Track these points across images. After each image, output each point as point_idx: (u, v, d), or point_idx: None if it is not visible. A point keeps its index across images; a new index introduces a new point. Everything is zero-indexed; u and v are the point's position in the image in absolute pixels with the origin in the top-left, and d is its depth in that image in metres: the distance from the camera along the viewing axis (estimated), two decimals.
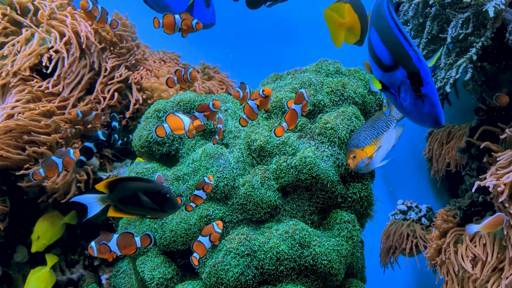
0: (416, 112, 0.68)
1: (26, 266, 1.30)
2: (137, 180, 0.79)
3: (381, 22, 0.70)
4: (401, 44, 0.67)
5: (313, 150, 1.00)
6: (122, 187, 0.77)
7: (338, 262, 0.94)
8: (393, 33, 0.68)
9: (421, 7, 1.15)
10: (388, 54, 0.69)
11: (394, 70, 0.68)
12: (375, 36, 0.71)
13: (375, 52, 0.71)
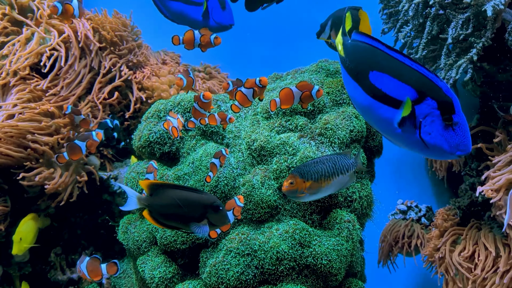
0: (443, 143, 0.67)
1: (26, 266, 1.31)
2: (184, 189, 0.73)
3: (389, 63, 0.70)
4: (426, 76, 0.68)
5: (313, 150, 1.01)
6: (162, 192, 0.71)
7: (338, 261, 0.94)
8: (412, 68, 0.68)
9: (421, 8, 1.16)
10: (410, 89, 0.68)
11: (418, 104, 0.67)
12: (383, 78, 0.70)
13: (387, 93, 0.70)
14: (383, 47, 0.71)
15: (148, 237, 1.06)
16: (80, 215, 1.37)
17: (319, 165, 0.81)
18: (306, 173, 0.80)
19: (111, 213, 1.37)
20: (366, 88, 0.72)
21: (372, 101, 0.72)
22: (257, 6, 1.06)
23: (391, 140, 0.73)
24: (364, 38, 0.74)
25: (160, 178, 1.07)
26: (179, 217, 0.72)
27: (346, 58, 0.75)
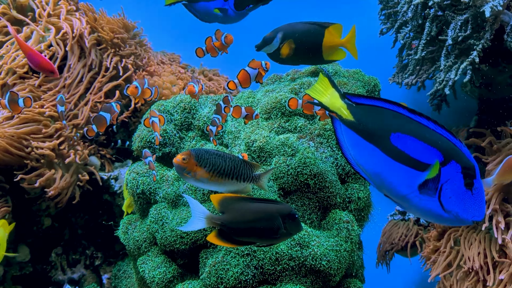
0: (461, 208, 0.67)
1: (27, 266, 1.31)
2: (256, 200, 0.72)
3: (412, 126, 0.70)
4: (449, 140, 0.68)
5: (312, 151, 1.01)
6: (235, 207, 0.69)
7: (337, 262, 0.95)
8: (435, 131, 0.69)
9: (420, 9, 1.16)
10: (436, 151, 0.68)
11: (442, 166, 0.68)
12: (407, 140, 0.70)
13: (410, 155, 0.69)
14: (403, 110, 0.71)
15: (148, 237, 1.06)
16: (81, 215, 1.37)
17: (219, 159, 0.78)
18: (202, 159, 0.77)
19: (111, 213, 1.38)
20: (386, 150, 0.71)
21: (392, 163, 0.71)
22: (245, 5, 1.06)
23: (403, 204, 0.72)
24: (372, 101, 0.74)
25: (161, 179, 1.08)
26: (256, 231, 0.70)
27: (357, 122, 0.73)
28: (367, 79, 1.19)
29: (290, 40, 0.91)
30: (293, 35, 0.91)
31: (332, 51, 0.94)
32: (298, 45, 0.91)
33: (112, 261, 1.36)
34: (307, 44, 0.91)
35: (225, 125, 1.15)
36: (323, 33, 0.92)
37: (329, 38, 0.92)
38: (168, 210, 1.04)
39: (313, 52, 0.92)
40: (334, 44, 0.92)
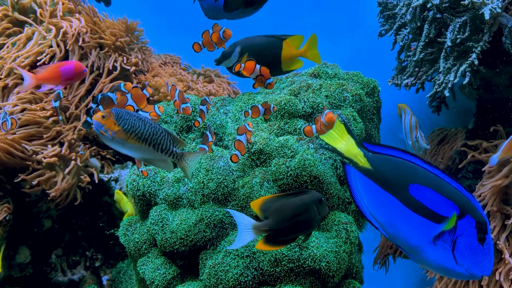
0: (473, 262, 0.68)
1: (28, 267, 1.32)
2: (291, 195, 0.72)
3: (430, 178, 0.71)
4: (463, 194, 0.69)
5: (311, 152, 1.02)
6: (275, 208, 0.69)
7: (336, 263, 0.95)
8: (451, 184, 0.70)
9: (419, 11, 1.17)
10: (453, 205, 0.69)
11: (458, 219, 0.69)
12: (425, 192, 0.71)
13: (428, 207, 0.70)
14: (420, 161, 0.72)
15: (148, 239, 1.07)
16: (81, 216, 1.38)
17: (139, 122, 0.76)
18: (122, 119, 0.74)
19: (111, 215, 1.38)
20: (404, 200, 0.72)
21: (410, 214, 0.71)
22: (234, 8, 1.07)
23: (416, 255, 0.72)
24: (388, 150, 0.74)
25: (161, 180, 1.08)
26: (299, 225, 0.70)
27: (375, 170, 0.74)
28: (366, 81, 1.19)
29: (248, 53, 0.92)
30: (252, 48, 0.93)
31: (291, 62, 0.96)
32: (257, 58, 0.93)
33: (112, 262, 1.37)
34: (266, 57, 0.93)
35: (226, 126, 1.15)
36: (281, 45, 0.94)
37: (287, 49, 0.94)
38: (168, 211, 1.04)
39: (272, 64, 0.94)
40: (292, 55, 0.94)
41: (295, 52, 0.94)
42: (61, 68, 1.04)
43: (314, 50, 0.94)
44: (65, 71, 1.05)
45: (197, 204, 1.02)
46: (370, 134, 1.17)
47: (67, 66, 1.05)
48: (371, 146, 0.75)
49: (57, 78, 1.05)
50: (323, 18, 1.91)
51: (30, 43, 1.31)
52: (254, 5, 1.05)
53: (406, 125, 1.03)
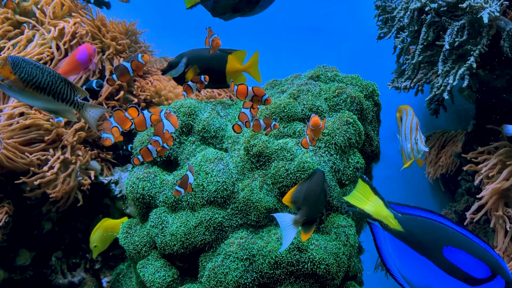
0: None
1: (28, 269, 1.32)
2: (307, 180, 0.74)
3: (461, 239, 0.72)
4: (492, 254, 0.71)
5: (311, 155, 1.02)
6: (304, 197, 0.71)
7: (336, 266, 0.95)
8: (480, 246, 0.71)
9: (417, 15, 1.17)
10: (485, 266, 0.70)
11: (489, 281, 0.70)
12: (459, 254, 0.72)
13: (462, 269, 0.71)
14: (449, 222, 0.73)
15: (148, 241, 1.07)
16: (81, 219, 1.38)
17: (37, 71, 0.74)
18: (18, 67, 0.72)
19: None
20: (439, 263, 0.73)
21: (445, 277, 0.72)
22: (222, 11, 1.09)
23: None
24: (416, 211, 0.75)
25: (161, 183, 1.08)
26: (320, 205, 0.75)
27: (407, 232, 0.74)
28: (365, 84, 1.20)
29: (194, 65, 0.94)
30: (198, 60, 0.94)
31: (235, 76, 0.98)
32: (202, 70, 0.94)
33: (112, 265, 1.37)
34: (211, 70, 0.94)
35: (225, 129, 1.16)
36: (226, 59, 0.95)
37: (232, 64, 0.96)
38: (168, 214, 1.04)
39: (217, 77, 0.96)
40: (236, 70, 0.96)
41: (239, 67, 0.96)
42: (78, 57, 1.09)
43: (255, 67, 0.97)
44: (82, 57, 1.10)
45: (197, 207, 1.02)
46: (370, 137, 1.17)
47: (81, 52, 1.08)
48: (398, 206, 0.75)
49: (77, 67, 1.09)
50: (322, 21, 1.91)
51: (31, 45, 1.31)
52: (240, 12, 1.07)
53: (406, 126, 1.04)
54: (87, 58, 1.10)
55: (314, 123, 0.86)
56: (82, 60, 1.09)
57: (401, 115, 1.02)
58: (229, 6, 1.05)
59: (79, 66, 1.10)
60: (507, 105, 1.35)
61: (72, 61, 1.10)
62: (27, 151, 1.22)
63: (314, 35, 1.91)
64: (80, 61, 1.10)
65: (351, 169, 1.07)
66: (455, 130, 1.62)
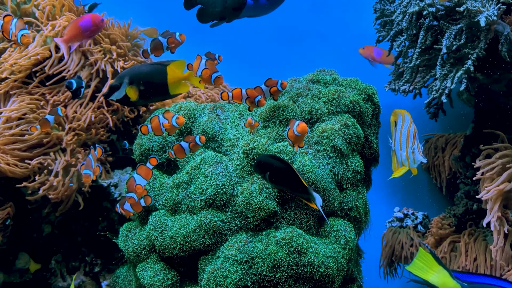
0: None
1: (27, 273, 1.32)
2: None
3: None
4: None
5: (310, 158, 1.02)
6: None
7: (335, 269, 0.95)
8: None
9: (415, 19, 1.18)
10: None
11: None
12: None
13: None
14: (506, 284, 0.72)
15: (148, 245, 1.07)
16: (81, 222, 1.38)
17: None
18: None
19: (110, 220, 1.39)
20: None
21: None
22: (208, 19, 1.11)
23: None
24: (480, 278, 0.74)
25: (160, 186, 1.09)
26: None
27: None
28: (364, 87, 1.20)
29: (136, 83, 0.95)
30: (138, 78, 0.96)
31: (177, 86, 0.99)
32: (145, 87, 0.96)
33: (112, 268, 1.37)
34: (153, 84, 0.96)
35: (225, 133, 1.16)
36: (166, 71, 0.96)
37: (172, 74, 0.97)
38: (168, 217, 1.05)
39: (160, 90, 0.97)
40: (178, 79, 0.98)
41: (180, 76, 0.98)
42: (80, 23, 1.08)
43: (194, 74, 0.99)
44: (85, 24, 1.08)
45: (196, 210, 1.02)
46: (369, 140, 1.17)
47: (85, 20, 1.08)
48: (463, 275, 0.74)
49: (79, 34, 1.08)
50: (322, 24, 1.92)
51: (32, 45, 1.32)
52: (226, 19, 1.10)
53: (403, 133, 1.01)
54: (91, 26, 1.09)
55: (301, 130, 0.87)
56: (85, 27, 1.08)
57: (396, 119, 1.01)
58: (216, 13, 1.08)
59: (80, 34, 1.08)
60: (506, 108, 1.36)
61: (75, 27, 1.08)
62: (28, 156, 1.23)
63: (313, 39, 1.92)
64: (82, 28, 1.08)
65: (350, 172, 1.07)
66: (453, 133, 1.63)
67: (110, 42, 1.41)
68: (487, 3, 1.04)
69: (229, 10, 1.08)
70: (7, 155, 1.20)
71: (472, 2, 1.03)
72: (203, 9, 1.09)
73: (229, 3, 1.07)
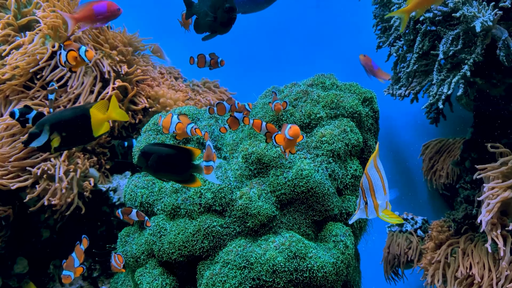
0: None
1: (26, 277, 1.31)
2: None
3: None
4: None
5: (309, 163, 1.02)
6: None
7: (334, 274, 0.95)
8: None
9: (412, 24, 1.19)
10: None
11: None
12: None
13: None
14: None
15: (146, 249, 1.07)
16: (80, 227, 1.38)
17: None
18: None
19: (109, 225, 1.38)
20: None
21: None
22: (204, 31, 1.12)
23: None
24: None
25: (159, 190, 1.09)
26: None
27: None
28: (363, 91, 1.20)
29: (57, 131, 0.93)
30: (60, 124, 0.93)
31: (100, 127, 0.98)
32: (67, 133, 0.94)
33: (110, 273, 1.36)
34: (76, 129, 0.95)
35: (224, 137, 1.16)
36: (89, 113, 0.95)
37: (95, 116, 0.96)
38: (166, 222, 1.04)
39: (84, 134, 0.96)
40: (101, 120, 0.96)
41: (103, 117, 0.96)
42: (94, 7, 1.11)
43: (117, 109, 0.98)
44: (98, 9, 1.12)
45: (195, 215, 1.02)
46: (368, 144, 1.17)
47: (100, 4, 1.11)
48: None
49: (91, 16, 1.11)
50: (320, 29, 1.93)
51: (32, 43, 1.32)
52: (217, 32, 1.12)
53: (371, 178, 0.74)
54: (105, 12, 1.12)
55: (293, 133, 0.84)
56: (98, 11, 1.11)
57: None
58: (208, 25, 1.09)
59: (93, 16, 1.11)
60: (505, 113, 1.36)
61: (88, 9, 1.12)
62: (29, 164, 1.23)
63: (313, 44, 1.92)
64: (95, 11, 1.11)
65: (349, 177, 1.07)
66: (453, 138, 1.63)
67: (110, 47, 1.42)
68: (483, 9, 1.05)
69: (218, 25, 1.09)
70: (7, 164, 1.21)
71: (468, 7, 1.04)
72: (198, 21, 1.10)
73: (219, 18, 1.08)
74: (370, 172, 0.74)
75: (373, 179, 0.74)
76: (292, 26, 1.94)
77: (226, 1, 1.06)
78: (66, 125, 0.93)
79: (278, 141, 0.89)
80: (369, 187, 0.74)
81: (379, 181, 0.75)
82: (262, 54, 1.95)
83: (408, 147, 1.79)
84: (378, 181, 0.75)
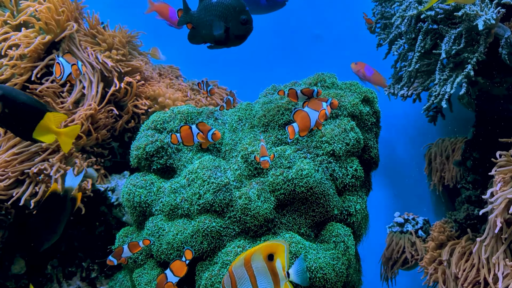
0: None
1: (23, 278, 1.31)
2: None
3: None
4: None
5: (309, 162, 1.01)
6: None
7: (334, 275, 0.94)
8: None
9: (414, 22, 1.18)
10: None
11: None
12: None
13: None
14: None
15: (145, 250, 1.06)
16: (78, 227, 1.37)
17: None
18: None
19: (108, 225, 1.38)
20: None
21: None
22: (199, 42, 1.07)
23: None
24: None
25: (157, 191, 1.08)
26: None
27: None
28: (364, 90, 1.19)
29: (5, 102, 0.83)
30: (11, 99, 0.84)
31: (45, 133, 0.89)
32: (12, 112, 0.84)
33: (109, 273, 1.35)
34: (22, 115, 0.85)
35: (223, 137, 1.15)
36: (44, 114, 0.87)
37: (47, 121, 0.87)
38: (165, 222, 1.04)
39: (25, 125, 0.87)
40: (48, 128, 0.88)
41: (52, 127, 0.88)
42: (170, 9, 1.49)
43: (68, 139, 0.90)
44: (171, 13, 1.49)
45: (193, 215, 1.01)
46: (369, 144, 1.16)
47: (174, 11, 1.48)
48: None
49: (165, 12, 1.47)
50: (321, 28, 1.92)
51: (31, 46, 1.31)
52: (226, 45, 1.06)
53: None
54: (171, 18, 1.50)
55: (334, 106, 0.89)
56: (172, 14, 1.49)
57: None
58: (211, 37, 1.02)
59: (167, 13, 1.48)
60: (507, 112, 1.35)
61: (166, 7, 1.48)
62: (28, 166, 1.22)
63: (313, 42, 1.92)
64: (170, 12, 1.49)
65: (349, 177, 1.06)
66: (455, 137, 1.62)
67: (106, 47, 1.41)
68: (486, 7, 1.04)
69: (232, 37, 1.02)
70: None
71: (471, 6, 1.02)
72: (195, 31, 1.03)
73: (232, 30, 1.01)
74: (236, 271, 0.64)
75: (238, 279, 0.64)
76: (292, 25, 1.93)
77: (240, 12, 0.99)
78: (15, 105, 0.84)
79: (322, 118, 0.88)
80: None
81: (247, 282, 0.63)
82: (262, 52, 1.95)
83: (409, 147, 1.78)
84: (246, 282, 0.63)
